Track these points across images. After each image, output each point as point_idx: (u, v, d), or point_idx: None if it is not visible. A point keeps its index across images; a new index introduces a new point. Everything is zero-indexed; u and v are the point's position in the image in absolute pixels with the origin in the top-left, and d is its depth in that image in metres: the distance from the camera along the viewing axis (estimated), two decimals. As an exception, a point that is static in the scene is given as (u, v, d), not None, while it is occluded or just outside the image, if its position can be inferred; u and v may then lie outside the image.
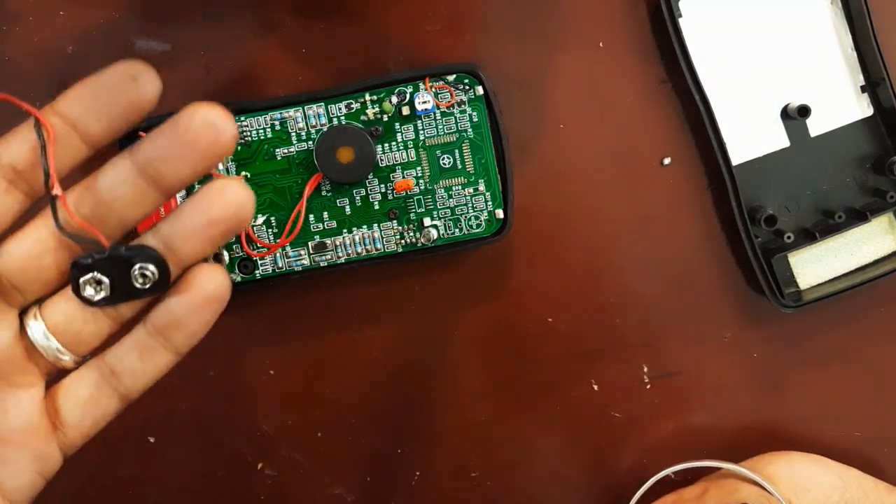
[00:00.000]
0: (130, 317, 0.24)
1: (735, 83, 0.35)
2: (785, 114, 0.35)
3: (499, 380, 0.37)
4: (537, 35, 0.35)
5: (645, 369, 0.37)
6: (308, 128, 0.34)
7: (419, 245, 0.34)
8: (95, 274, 0.22)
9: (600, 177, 0.36)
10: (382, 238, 0.34)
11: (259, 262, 0.34)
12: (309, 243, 0.34)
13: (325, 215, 0.34)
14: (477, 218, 0.34)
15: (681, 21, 0.34)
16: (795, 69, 0.35)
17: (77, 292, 0.22)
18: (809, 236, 0.35)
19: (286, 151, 0.34)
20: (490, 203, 0.34)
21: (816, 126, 0.35)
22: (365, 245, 0.34)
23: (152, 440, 0.37)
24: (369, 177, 0.34)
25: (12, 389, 0.22)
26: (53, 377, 0.24)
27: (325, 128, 0.33)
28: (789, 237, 0.35)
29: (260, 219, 0.34)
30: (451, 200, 0.34)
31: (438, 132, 0.34)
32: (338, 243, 0.34)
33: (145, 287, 0.22)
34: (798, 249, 0.35)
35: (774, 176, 0.36)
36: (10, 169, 0.22)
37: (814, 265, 0.36)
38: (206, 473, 0.38)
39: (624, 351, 0.37)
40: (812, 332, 0.37)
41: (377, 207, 0.34)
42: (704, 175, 0.36)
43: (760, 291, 0.36)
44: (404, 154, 0.34)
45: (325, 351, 0.37)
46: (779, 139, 0.35)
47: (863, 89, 0.35)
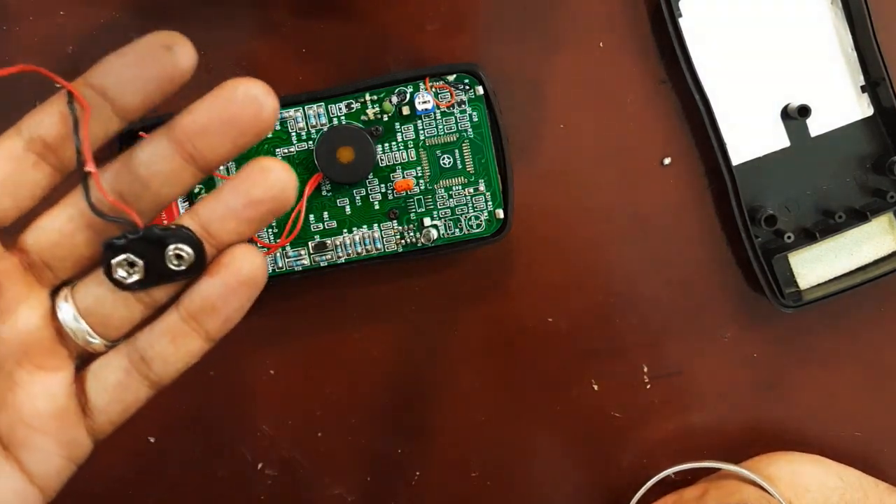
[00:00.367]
0: (164, 301, 0.23)
1: (735, 83, 0.35)
2: (785, 114, 0.35)
3: (499, 380, 0.37)
4: (537, 35, 0.35)
5: (645, 369, 0.37)
6: (308, 128, 0.34)
7: (419, 245, 0.34)
8: (128, 255, 0.21)
9: (600, 177, 0.36)
10: (382, 238, 0.34)
11: (259, 262, 0.34)
12: (309, 243, 0.34)
13: (325, 215, 0.34)
14: (477, 218, 0.34)
15: (681, 21, 0.34)
16: (795, 69, 0.35)
17: (109, 274, 0.21)
18: (809, 236, 0.35)
19: (286, 151, 0.34)
20: (490, 203, 0.34)
21: (816, 126, 0.35)
22: (365, 245, 0.34)
23: (152, 440, 0.37)
24: (369, 177, 0.34)
25: (40, 372, 0.22)
26: (83, 361, 0.23)
27: (325, 128, 0.33)
28: (789, 237, 0.35)
29: (260, 219, 0.34)
30: (451, 200, 0.34)
31: (438, 132, 0.34)
32: (338, 243, 0.34)
33: (180, 269, 0.21)
34: (798, 249, 0.35)
35: (774, 176, 0.36)
36: (40, 142, 0.21)
37: (814, 265, 0.36)
38: (206, 473, 0.38)
39: (624, 351, 0.37)
40: (812, 332, 0.37)
41: (377, 207, 0.34)
42: (704, 175, 0.36)
43: (760, 291, 0.36)
44: (404, 154, 0.34)
45: (325, 351, 0.37)
46: (779, 139, 0.35)
47: (863, 89, 0.35)
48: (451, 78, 0.33)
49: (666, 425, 0.37)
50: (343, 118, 0.34)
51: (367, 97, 0.33)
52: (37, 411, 0.22)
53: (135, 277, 0.21)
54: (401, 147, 0.34)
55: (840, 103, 0.35)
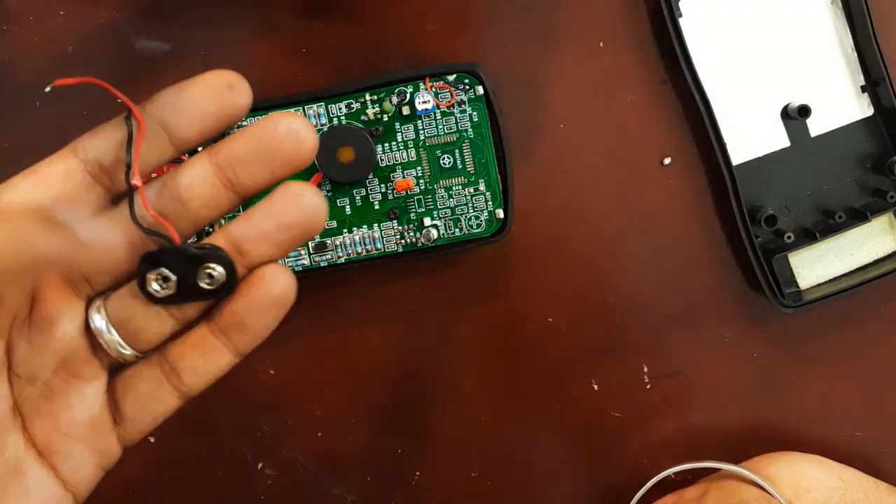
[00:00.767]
0: (195, 317, 0.23)
1: (735, 83, 0.35)
2: (785, 114, 0.35)
3: (499, 380, 0.37)
4: (537, 35, 0.35)
5: (645, 369, 0.37)
6: (308, 128, 0.34)
7: (419, 245, 0.34)
8: (163, 270, 0.21)
9: (600, 177, 0.36)
10: (382, 238, 0.34)
11: (259, 262, 0.34)
12: (309, 243, 0.34)
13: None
14: (477, 218, 0.34)
15: (681, 21, 0.34)
16: (795, 69, 0.35)
17: (142, 287, 0.22)
18: (809, 236, 0.35)
19: (286, 151, 0.34)
20: (490, 203, 0.34)
21: (816, 126, 0.35)
22: (365, 245, 0.34)
23: (152, 440, 0.37)
24: (369, 177, 0.34)
25: (76, 381, 0.22)
26: (114, 371, 0.24)
27: (326, 128, 0.33)
28: (789, 237, 0.35)
29: (260, 219, 0.34)
30: (452, 200, 0.34)
31: (438, 132, 0.34)
32: (338, 243, 0.34)
33: (210, 288, 0.22)
34: (798, 249, 0.35)
35: (774, 176, 0.36)
36: (97, 164, 0.22)
37: (814, 265, 0.36)
38: (206, 473, 0.38)
39: (624, 351, 0.37)
40: (812, 332, 0.37)
41: (377, 207, 0.34)
42: (704, 175, 0.36)
43: (760, 291, 0.36)
44: (404, 154, 0.34)
45: (325, 351, 0.37)
46: (779, 139, 0.35)
47: (863, 89, 0.35)
48: (451, 78, 0.33)
49: (666, 425, 0.37)
50: (343, 118, 0.34)
51: (367, 97, 0.33)
52: (73, 420, 0.22)
53: (167, 292, 0.22)
54: (401, 147, 0.34)
55: (840, 103, 0.35)
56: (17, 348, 0.22)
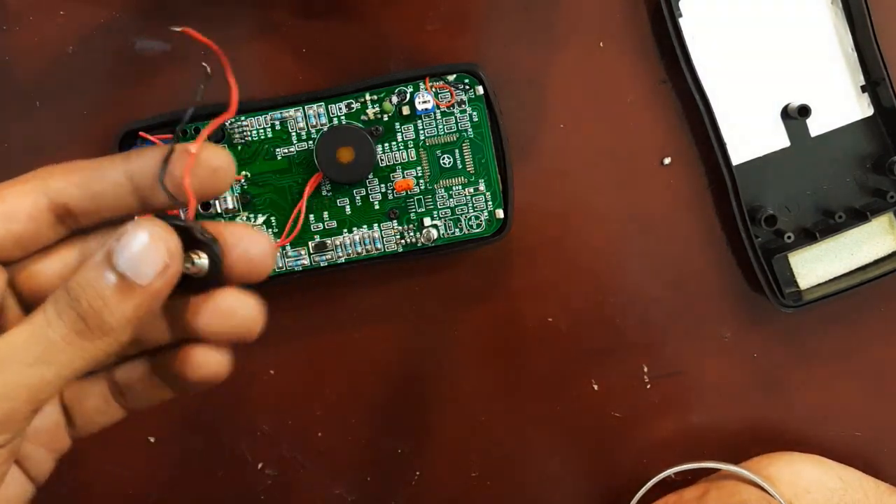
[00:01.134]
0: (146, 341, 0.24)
1: (735, 83, 0.35)
2: (785, 114, 0.35)
3: (499, 380, 0.37)
4: (537, 35, 0.35)
5: (645, 369, 0.37)
6: (308, 128, 0.34)
7: (419, 245, 0.34)
8: (197, 252, 0.21)
9: (600, 177, 0.36)
10: (382, 238, 0.34)
11: (259, 262, 0.34)
12: (309, 243, 0.34)
13: (325, 215, 0.34)
14: (477, 218, 0.34)
15: (681, 21, 0.34)
16: (795, 69, 0.35)
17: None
18: (809, 236, 0.35)
19: (286, 151, 0.34)
20: (490, 203, 0.34)
21: (816, 126, 0.35)
22: (365, 245, 0.34)
23: (152, 440, 0.37)
24: (369, 177, 0.34)
25: None
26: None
27: (325, 128, 0.33)
28: (789, 237, 0.35)
29: (260, 219, 0.34)
30: (452, 200, 0.34)
31: (438, 132, 0.34)
32: (338, 243, 0.34)
33: (194, 275, 0.21)
34: (798, 249, 0.35)
35: (774, 176, 0.36)
36: (64, 207, 0.21)
37: (814, 265, 0.36)
38: (206, 473, 0.38)
39: (624, 351, 0.37)
40: (812, 332, 0.37)
41: (377, 207, 0.34)
42: (704, 175, 0.36)
43: (760, 291, 0.36)
44: (404, 154, 0.34)
45: (325, 351, 0.37)
46: (779, 139, 0.35)
47: (863, 89, 0.35)
48: (451, 78, 0.33)
49: (666, 425, 0.37)
50: (343, 118, 0.34)
51: (367, 97, 0.33)
52: (34, 429, 0.23)
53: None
54: (401, 147, 0.34)
55: (840, 103, 0.35)
56: None
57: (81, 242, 0.22)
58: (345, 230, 0.34)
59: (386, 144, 0.34)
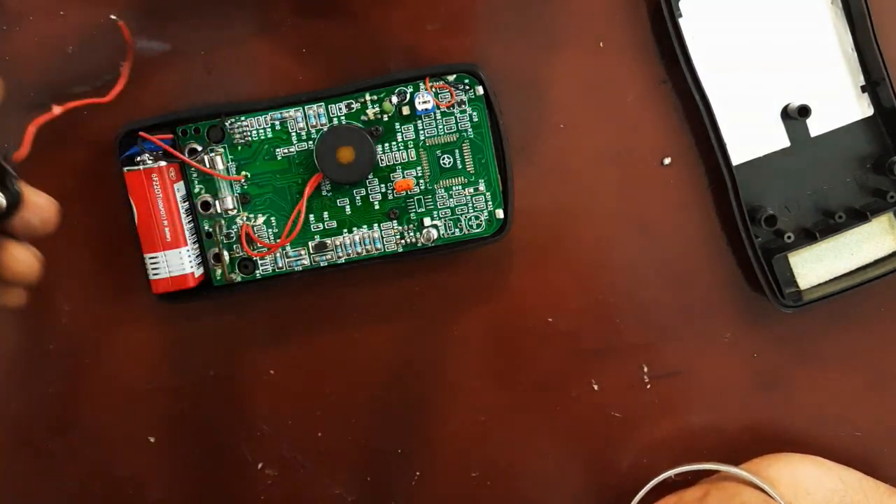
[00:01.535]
0: None
1: (735, 83, 0.35)
2: (785, 114, 0.35)
3: (499, 380, 0.37)
4: (537, 35, 0.35)
5: (645, 369, 0.37)
6: (308, 128, 0.34)
7: (419, 245, 0.34)
8: None
9: (600, 177, 0.36)
10: (382, 238, 0.34)
11: (259, 262, 0.34)
12: (309, 243, 0.34)
13: (325, 215, 0.34)
14: (477, 218, 0.34)
15: (681, 21, 0.34)
16: (795, 69, 0.35)
17: None
18: (810, 236, 0.35)
19: (286, 151, 0.34)
20: (490, 203, 0.34)
21: (817, 126, 0.35)
22: (365, 245, 0.34)
23: (152, 440, 0.37)
24: (369, 177, 0.34)
25: None
26: None
27: (325, 128, 0.33)
28: (789, 237, 0.35)
29: (260, 219, 0.34)
30: (452, 200, 0.34)
31: (438, 132, 0.34)
32: (338, 243, 0.34)
33: None
34: (798, 249, 0.35)
35: (774, 176, 0.36)
36: None
37: (814, 265, 0.36)
38: (206, 473, 0.38)
39: (624, 351, 0.37)
40: (812, 332, 0.37)
41: (377, 207, 0.34)
42: (704, 175, 0.36)
43: (761, 291, 0.36)
44: (404, 154, 0.34)
45: (325, 351, 0.37)
46: (779, 139, 0.35)
47: (863, 89, 0.35)
48: (451, 78, 0.33)
49: (666, 425, 0.37)
50: (343, 118, 0.34)
51: (367, 97, 0.33)
52: None
53: None
54: (401, 147, 0.34)
55: (840, 103, 0.35)
56: None
57: None
58: (345, 230, 0.34)
59: (386, 144, 0.34)
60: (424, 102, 0.33)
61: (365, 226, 0.34)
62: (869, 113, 0.35)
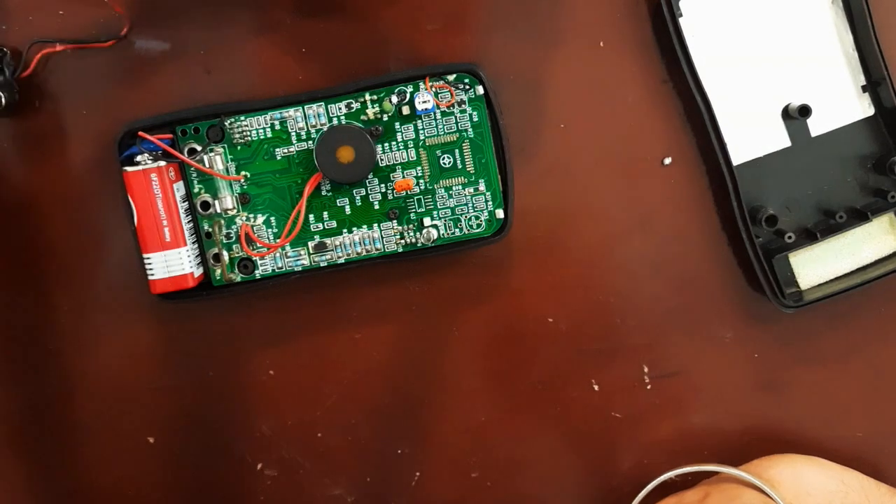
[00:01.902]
0: None
1: (735, 83, 0.35)
2: (786, 114, 0.35)
3: (499, 380, 0.37)
4: (537, 35, 0.35)
5: (645, 369, 0.37)
6: (308, 128, 0.34)
7: (419, 245, 0.34)
8: None
9: (600, 177, 0.36)
10: (382, 238, 0.34)
11: (259, 262, 0.34)
12: (309, 243, 0.34)
13: (325, 215, 0.34)
14: (477, 218, 0.34)
15: (681, 21, 0.34)
16: (796, 69, 0.35)
17: None
18: (810, 236, 0.35)
19: (286, 151, 0.34)
20: (490, 203, 0.34)
21: (817, 126, 0.35)
22: (365, 245, 0.34)
23: (152, 440, 0.37)
24: (369, 177, 0.34)
25: None
26: None
27: (325, 128, 0.33)
28: (790, 237, 0.35)
29: (260, 218, 0.34)
30: (452, 200, 0.34)
31: (438, 132, 0.34)
32: (338, 243, 0.34)
33: None
34: (799, 249, 0.35)
35: (775, 176, 0.36)
36: None
37: (815, 265, 0.36)
38: (206, 473, 0.38)
39: (624, 351, 0.37)
40: (813, 332, 0.37)
41: (377, 207, 0.34)
42: (705, 175, 0.36)
43: (761, 291, 0.35)
44: (404, 154, 0.34)
45: (325, 351, 0.37)
46: (779, 139, 0.35)
47: (864, 89, 0.35)
48: (451, 78, 0.33)
49: (666, 426, 0.37)
50: (343, 118, 0.34)
51: (367, 97, 0.33)
52: None
53: None
54: (401, 147, 0.34)
55: (841, 103, 0.35)
56: None
57: None
58: (345, 230, 0.34)
59: (386, 144, 0.34)
60: (424, 102, 0.33)
61: (365, 226, 0.34)
62: (870, 113, 0.35)
